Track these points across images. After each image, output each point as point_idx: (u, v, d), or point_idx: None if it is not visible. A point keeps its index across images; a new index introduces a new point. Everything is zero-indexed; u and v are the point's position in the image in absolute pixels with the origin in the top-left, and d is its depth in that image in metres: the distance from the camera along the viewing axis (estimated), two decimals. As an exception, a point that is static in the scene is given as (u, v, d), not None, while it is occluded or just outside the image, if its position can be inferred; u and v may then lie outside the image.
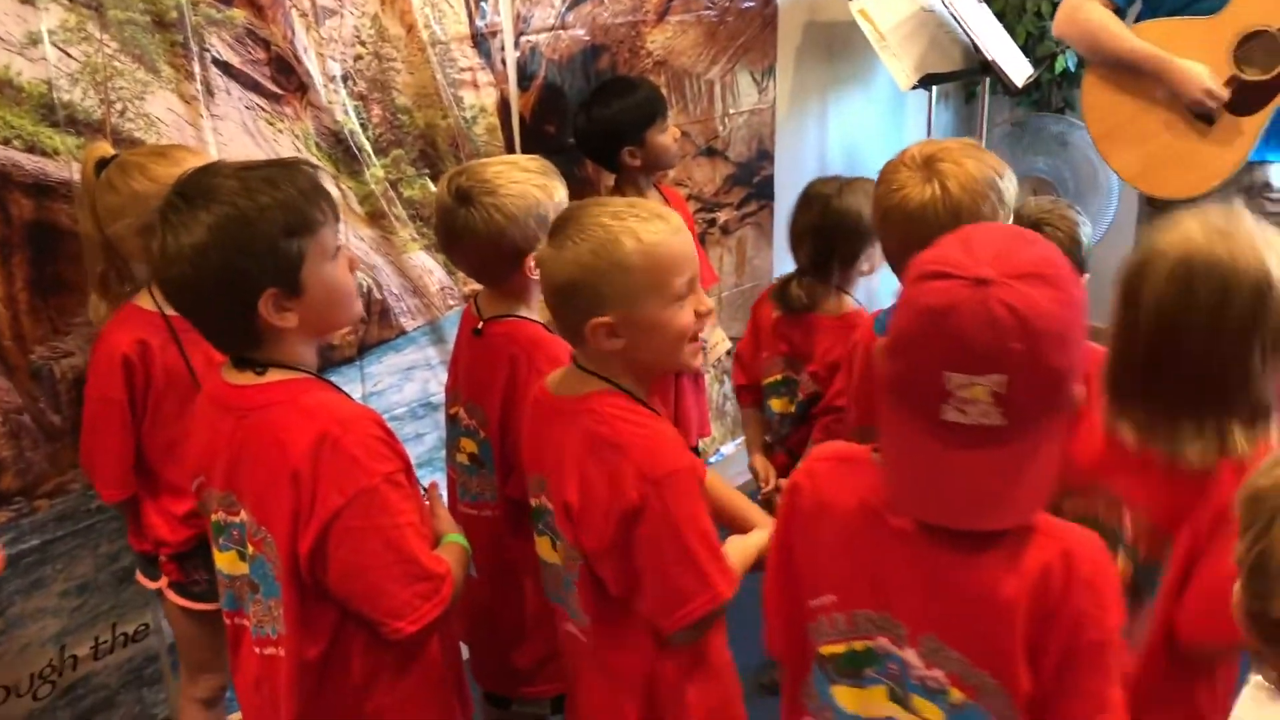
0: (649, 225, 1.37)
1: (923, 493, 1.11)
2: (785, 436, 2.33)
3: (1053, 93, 3.68)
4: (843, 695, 1.21)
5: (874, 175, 1.69)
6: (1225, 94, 2.66)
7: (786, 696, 1.30)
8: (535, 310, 1.77)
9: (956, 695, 1.13)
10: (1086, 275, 1.91)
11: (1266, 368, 1.26)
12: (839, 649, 1.20)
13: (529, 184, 1.71)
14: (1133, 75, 2.77)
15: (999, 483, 1.08)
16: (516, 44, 2.51)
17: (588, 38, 2.66)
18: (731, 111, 3.12)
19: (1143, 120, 2.79)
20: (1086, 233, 1.91)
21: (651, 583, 1.39)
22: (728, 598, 1.39)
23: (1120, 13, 2.81)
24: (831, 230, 2.16)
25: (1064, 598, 1.08)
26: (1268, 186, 2.78)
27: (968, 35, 3.16)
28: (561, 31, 2.60)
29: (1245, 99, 2.67)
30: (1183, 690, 1.36)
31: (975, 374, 1.04)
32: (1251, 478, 0.86)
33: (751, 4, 3.08)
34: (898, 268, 1.61)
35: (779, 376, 2.32)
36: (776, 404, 2.34)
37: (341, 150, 2.23)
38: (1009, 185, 1.60)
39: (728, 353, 2.73)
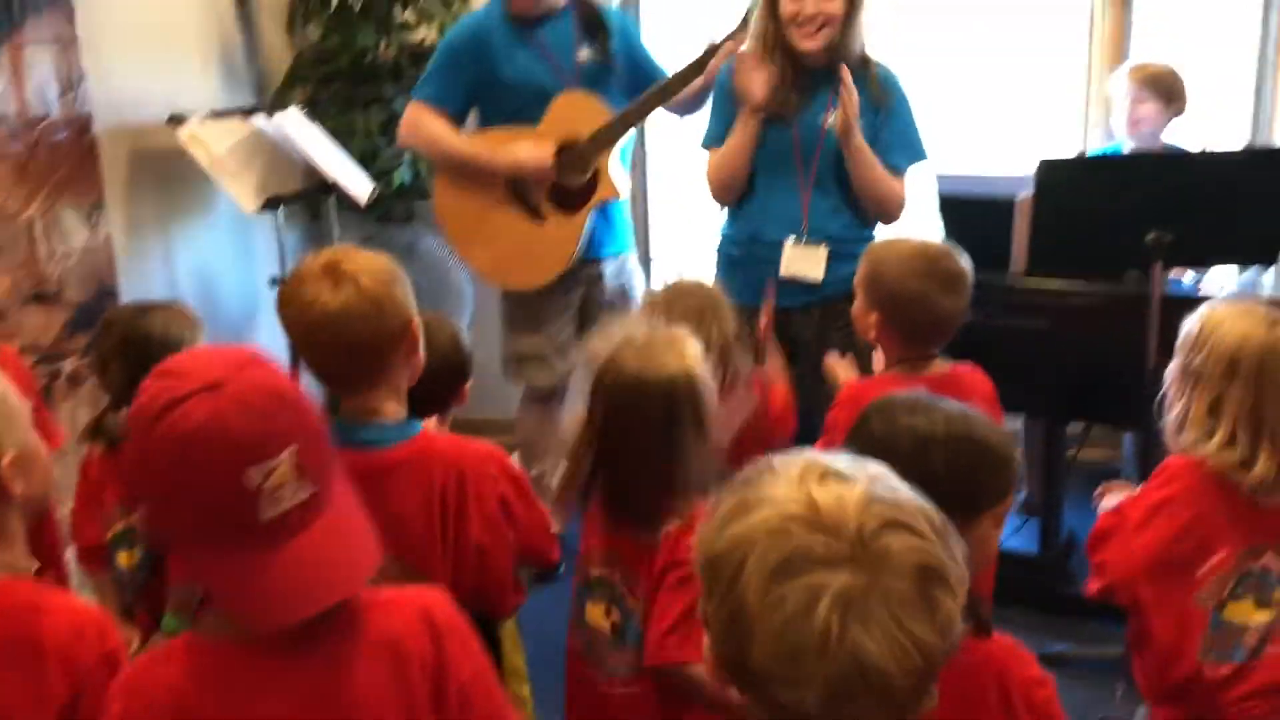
0: None
1: (280, 601, 1.07)
2: (142, 589, 2.07)
3: (395, 205, 3.84)
4: None
5: (233, 300, 1.64)
6: (552, 160, 2.94)
7: None
8: None
9: None
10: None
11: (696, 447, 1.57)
12: None
13: None
14: (476, 178, 3.00)
15: (342, 545, 1.10)
16: None
17: None
18: (60, 252, 2.83)
19: (489, 221, 3.04)
20: (466, 337, 2.00)
21: None
22: None
23: (454, 117, 3.03)
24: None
25: (439, 648, 1.13)
26: (601, 277, 3.14)
27: (304, 157, 3.19)
28: None
29: (571, 200, 3.02)
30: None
31: (268, 459, 1.04)
32: (704, 542, 0.90)
33: (64, 136, 2.82)
34: (329, 380, 1.66)
35: (121, 527, 2.07)
36: (124, 558, 2.08)
37: None
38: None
39: None
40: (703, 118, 2.87)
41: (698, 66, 2.84)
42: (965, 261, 2.07)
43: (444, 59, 3.03)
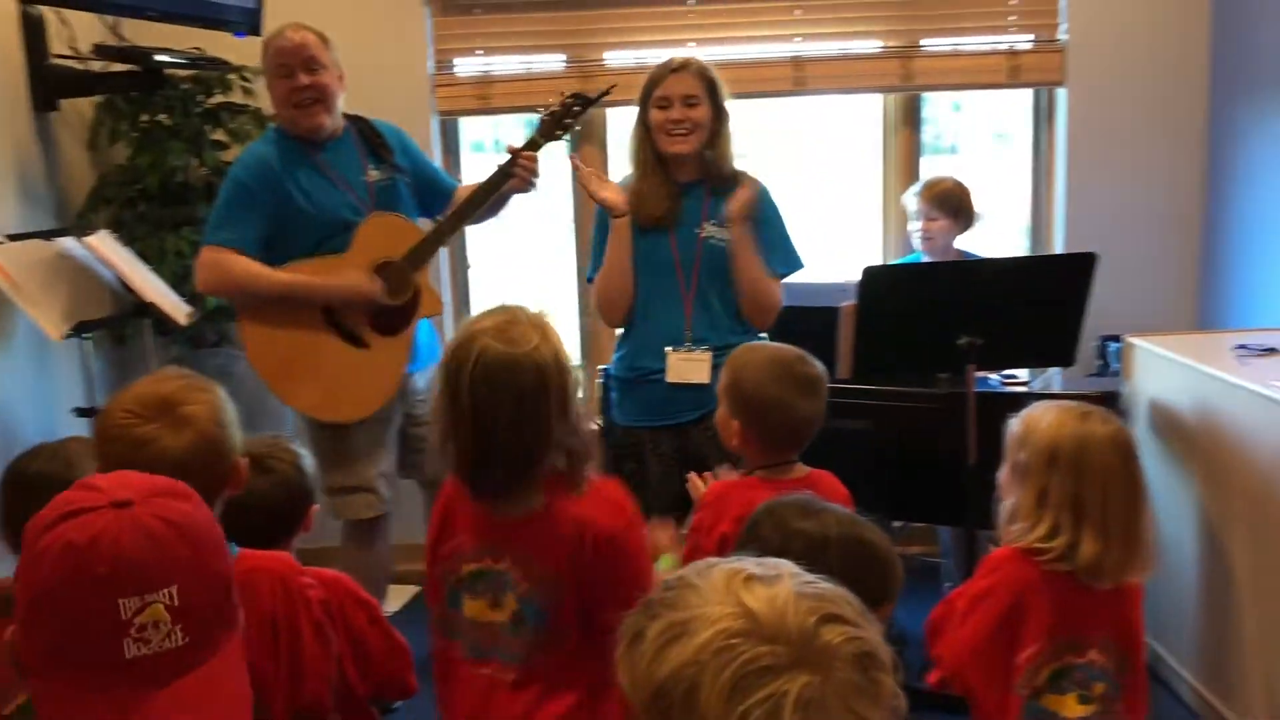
0: None
1: None
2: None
3: (206, 329, 3.69)
4: None
5: (31, 432, 1.55)
6: (380, 284, 2.89)
7: None
8: None
9: None
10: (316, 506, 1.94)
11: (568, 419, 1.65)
12: None
13: None
14: (288, 314, 2.89)
15: (201, 714, 1.05)
16: None
17: None
18: None
19: (309, 355, 2.92)
20: (309, 463, 1.94)
21: None
22: None
23: (253, 259, 2.89)
24: None
25: None
26: (415, 392, 3.10)
27: (117, 279, 3.04)
28: None
29: (390, 321, 2.97)
30: None
31: (148, 591, 1.01)
32: (640, 672, 0.87)
33: None
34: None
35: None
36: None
37: None
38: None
39: None
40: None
41: (502, 174, 2.91)
42: (819, 366, 2.15)
43: (237, 197, 2.88)
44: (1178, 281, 3.97)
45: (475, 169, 4.04)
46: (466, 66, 3.85)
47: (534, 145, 2.89)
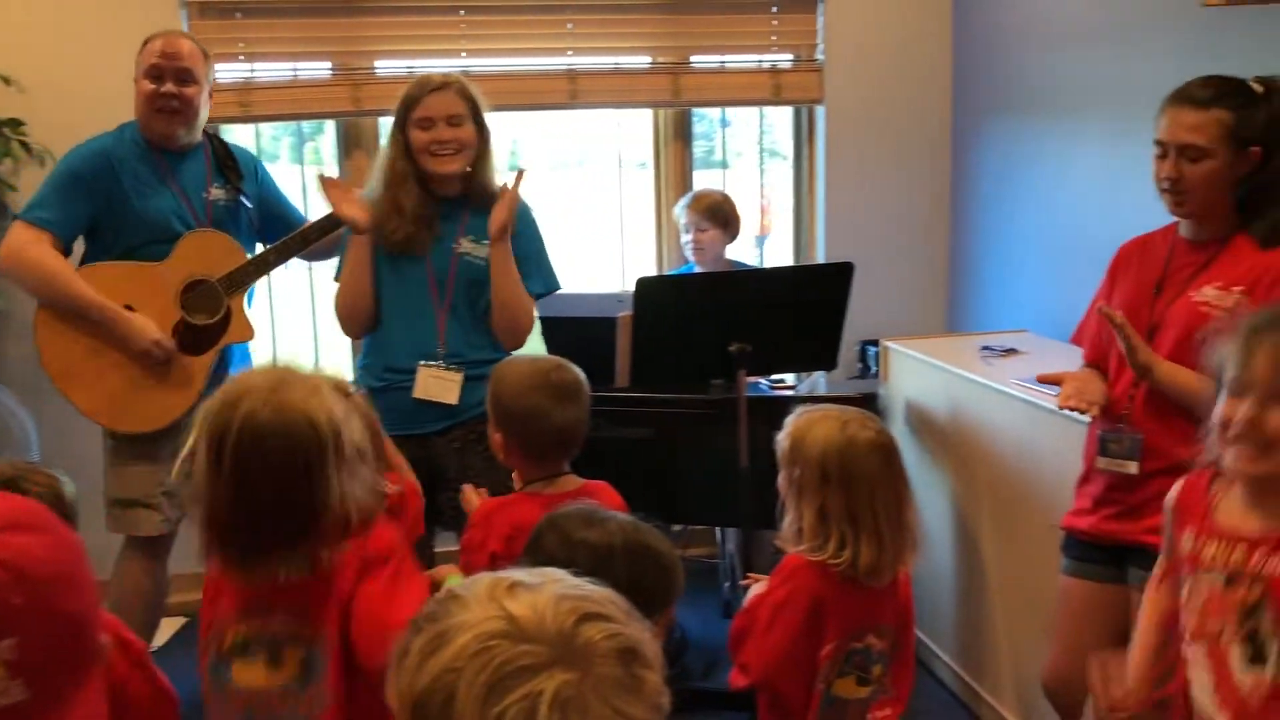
0: None
1: None
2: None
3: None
4: None
5: None
6: (172, 344, 2.84)
7: None
8: None
9: None
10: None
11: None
12: None
13: None
14: (86, 318, 2.80)
15: None
16: None
17: None
18: None
19: (99, 360, 2.83)
20: (70, 488, 1.80)
21: None
22: None
23: (65, 245, 2.83)
24: None
25: None
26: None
27: None
28: None
29: (195, 341, 2.88)
30: None
31: None
32: (403, 687, 0.85)
33: None
34: None
35: None
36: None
37: None
38: None
39: None
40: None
41: (331, 220, 2.87)
42: (578, 372, 2.16)
43: (65, 181, 2.83)
44: (930, 288, 4.24)
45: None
46: (228, 72, 3.68)
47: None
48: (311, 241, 2.94)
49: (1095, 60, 3.26)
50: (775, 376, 3.46)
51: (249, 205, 3.04)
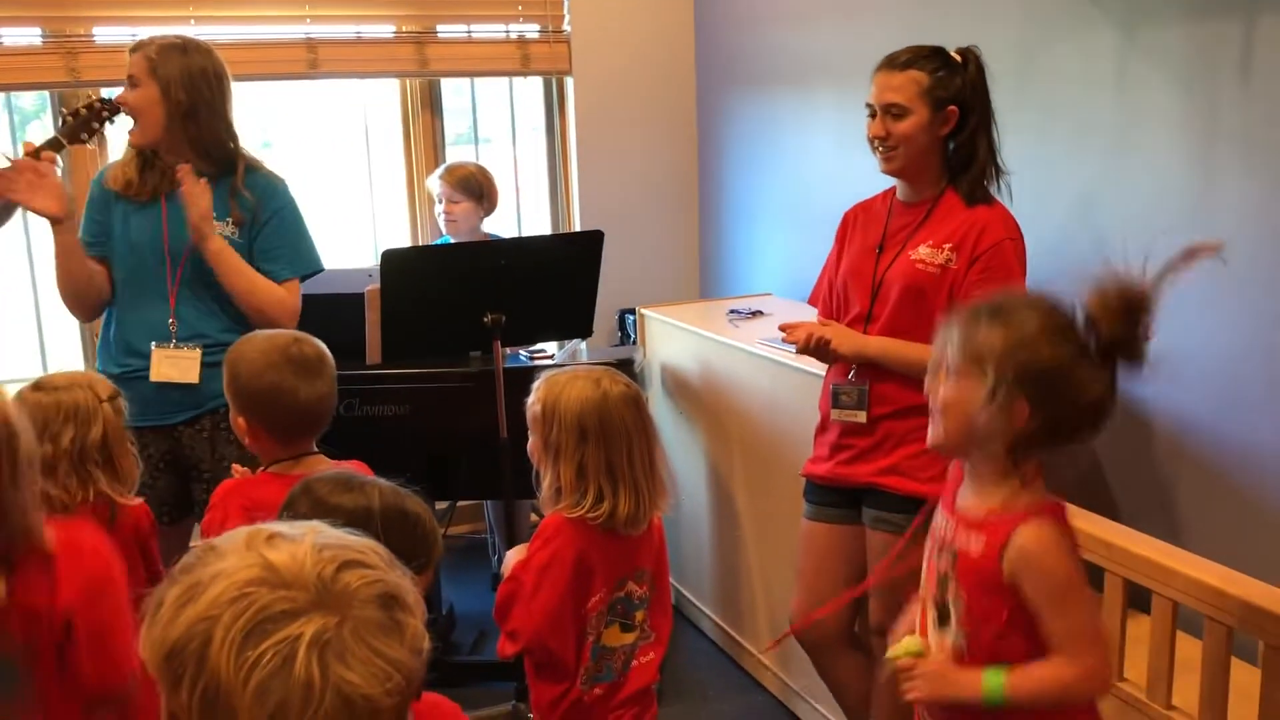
0: None
1: None
2: None
3: None
4: None
5: None
6: None
7: None
8: None
9: None
10: None
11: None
12: None
13: None
14: None
15: None
16: None
17: None
18: None
19: None
20: None
21: None
22: None
23: None
24: None
25: None
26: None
27: None
28: None
29: None
30: None
31: None
32: (155, 639, 0.83)
33: None
34: None
35: None
36: None
37: None
38: None
39: None
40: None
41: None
42: (320, 345, 2.09)
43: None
44: (683, 255, 4.36)
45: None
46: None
47: (55, 145, 2.56)
48: None
49: (825, 34, 3.42)
50: (536, 347, 3.48)
51: None
